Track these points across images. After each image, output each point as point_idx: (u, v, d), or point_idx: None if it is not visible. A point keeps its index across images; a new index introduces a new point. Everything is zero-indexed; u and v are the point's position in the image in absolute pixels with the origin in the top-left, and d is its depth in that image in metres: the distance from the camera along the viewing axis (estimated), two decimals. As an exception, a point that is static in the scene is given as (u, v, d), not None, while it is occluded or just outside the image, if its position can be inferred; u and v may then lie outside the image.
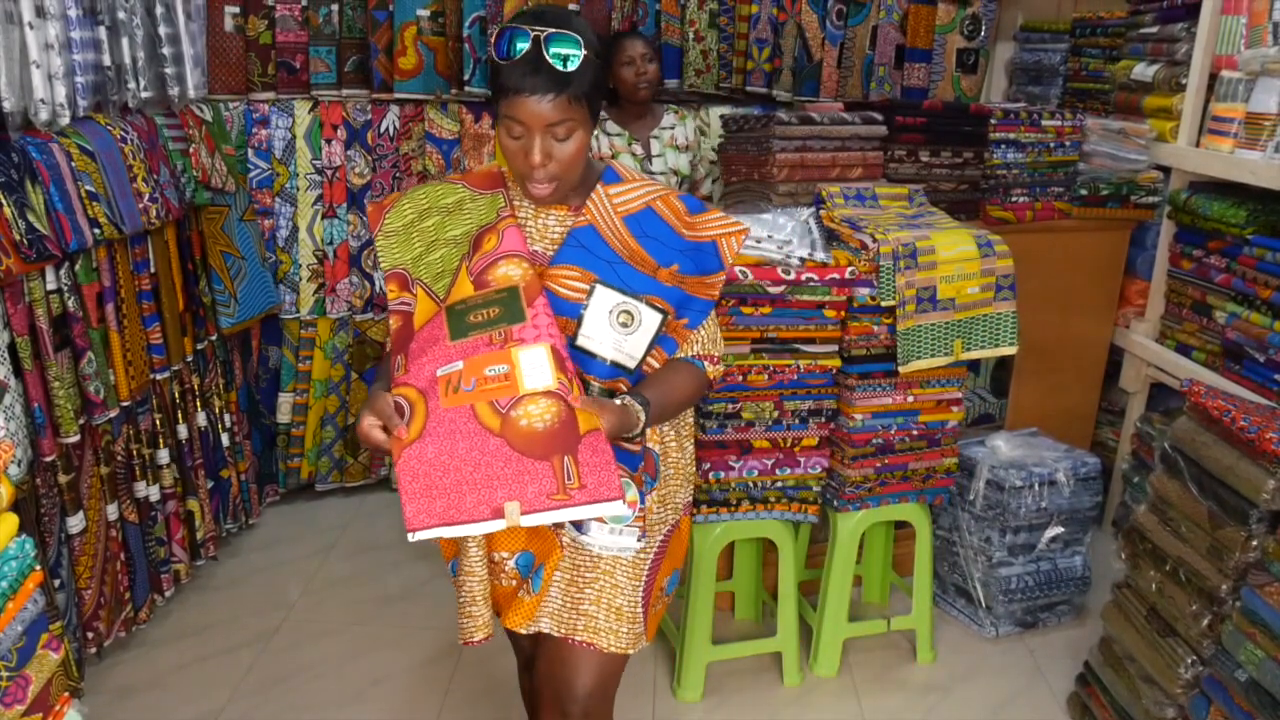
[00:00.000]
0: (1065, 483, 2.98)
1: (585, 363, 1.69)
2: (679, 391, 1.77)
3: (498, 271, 1.67)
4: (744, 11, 3.88)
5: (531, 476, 1.53)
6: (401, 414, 1.57)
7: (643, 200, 1.79)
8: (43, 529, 2.52)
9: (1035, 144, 3.25)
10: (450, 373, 1.59)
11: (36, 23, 2.41)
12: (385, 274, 1.77)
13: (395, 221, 1.81)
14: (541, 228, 1.77)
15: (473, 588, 1.78)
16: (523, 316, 1.62)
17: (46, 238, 2.41)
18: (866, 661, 2.96)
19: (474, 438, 1.54)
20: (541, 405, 1.56)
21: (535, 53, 1.58)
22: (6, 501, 1.42)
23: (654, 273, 1.75)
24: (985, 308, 2.66)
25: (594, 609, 1.81)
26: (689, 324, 1.78)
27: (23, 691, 1.42)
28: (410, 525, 1.52)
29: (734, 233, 1.81)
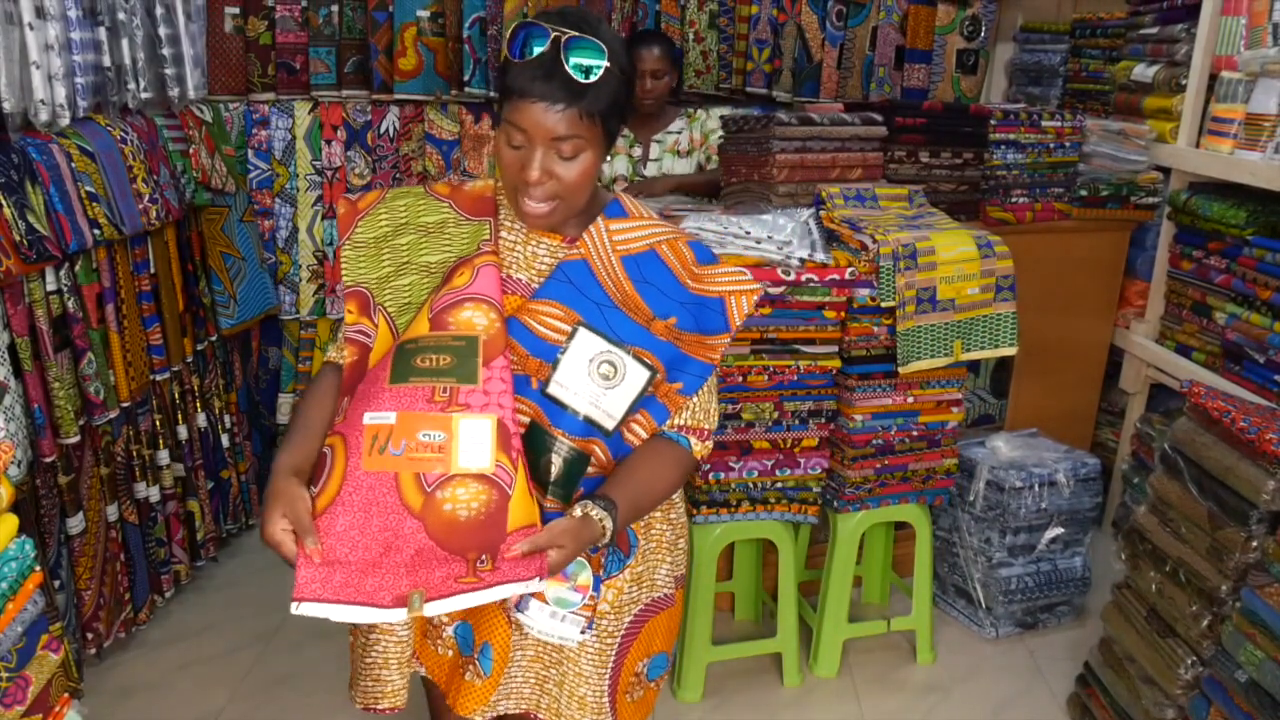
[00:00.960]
0: (1065, 483, 2.98)
1: (555, 414, 1.49)
2: (657, 484, 1.56)
3: (460, 315, 1.47)
4: (744, 12, 3.89)
5: (441, 563, 1.37)
6: (321, 466, 1.40)
7: (647, 241, 1.59)
8: (43, 530, 2.52)
9: (1035, 145, 3.25)
10: (379, 424, 1.39)
11: (36, 23, 2.41)
12: (345, 289, 1.56)
13: (368, 231, 1.60)
14: (530, 255, 1.57)
15: (388, 649, 1.59)
16: (475, 377, 1.42)
17: (46, 238, 2.41)
18: (866, 662, 2.96)
19: (390, 515, 1.37)
20: (471, 490, 1.37)
21: (553, 56, 1.40)
22: (6, 502, 1.42)
23: (648, 323, 1.55)
24: (985, 308, 2.66)
25: (556, 691, 1.64)
26: (684, 389, 1.57)
27: (23, 692, 1.42)
28: (298, 594, 1.33)
29: (745, 291, 1.60)
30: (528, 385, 1.49)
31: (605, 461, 1.55)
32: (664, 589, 1.73)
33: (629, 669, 1.70)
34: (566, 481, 1.50)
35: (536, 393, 1.49)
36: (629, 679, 1.70)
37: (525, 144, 1.44)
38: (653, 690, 1.77)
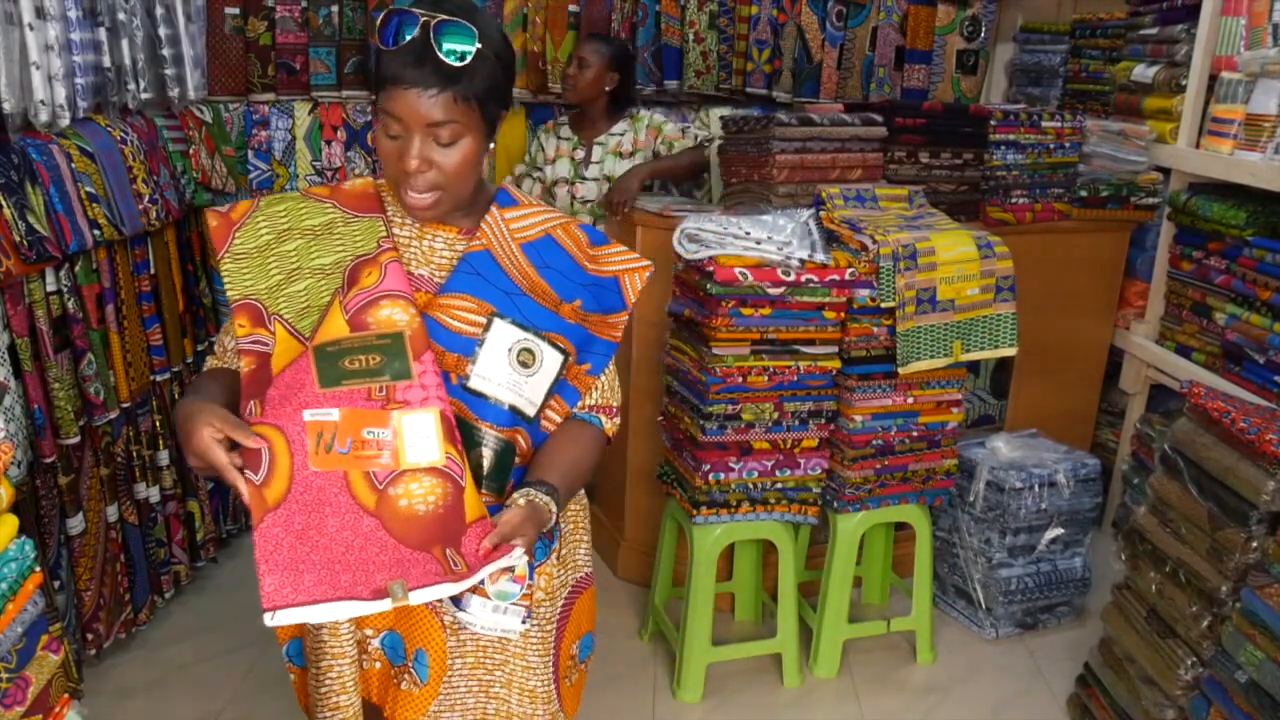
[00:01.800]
0: (1065, 484, 2.98)
1: (480, 407, 1.48)
2: (582, 465, 1.57)
3: (379, 313, 1.43)
4: (744, 13, 3.89)
5: (412, 563, 1.35)
6: (258, 459, 1.33)
7: (542, 228, 1.59)
8: (43, 530, 2.52)
9: (1035, 145, 3.25)
10: (322, 420, 1.37)
11: (36, 24, 2.41)
12: (233, 304, 1.47)
13: (247, 241, 1.51)
14: (426, 250, 1.55)
15: (342, 672, 1.55)
16: (408, 373, 1.40)
17: (46, 239, 2.41)
18: (866, 662, 2.96)
19: (345, 513, 1.35)
20: (425, 484, 1.38)
21: (424, 41, 1.37)
22: (6, 503, 1.42)
23: (556, 307, 1.55)
24: (985, 309, 2.66)
25: (505, 692, 1.62)
26: (592, 369, 1.59)
27: (23, 693, 1.42)
28: (268, 602, 1.28)
29: (637, 269, 1.63)
30: (448, 381, 1.46)
31: (527, 450, 1.55)
32: (584, 568, 1.75)
33: (565, 653, 1.71)
34: (499, 474, 1.50)
35: (458, 388, 1.47)
36: (566, 663, 1.71)
37: (402, 133, 1.41)
38: (583, 673, 1.79)
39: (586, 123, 3.55)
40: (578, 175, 3.50)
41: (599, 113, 3.52)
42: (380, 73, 1.41)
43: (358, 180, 1.61)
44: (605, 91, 3.46)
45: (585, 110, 3.53)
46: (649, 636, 3.04)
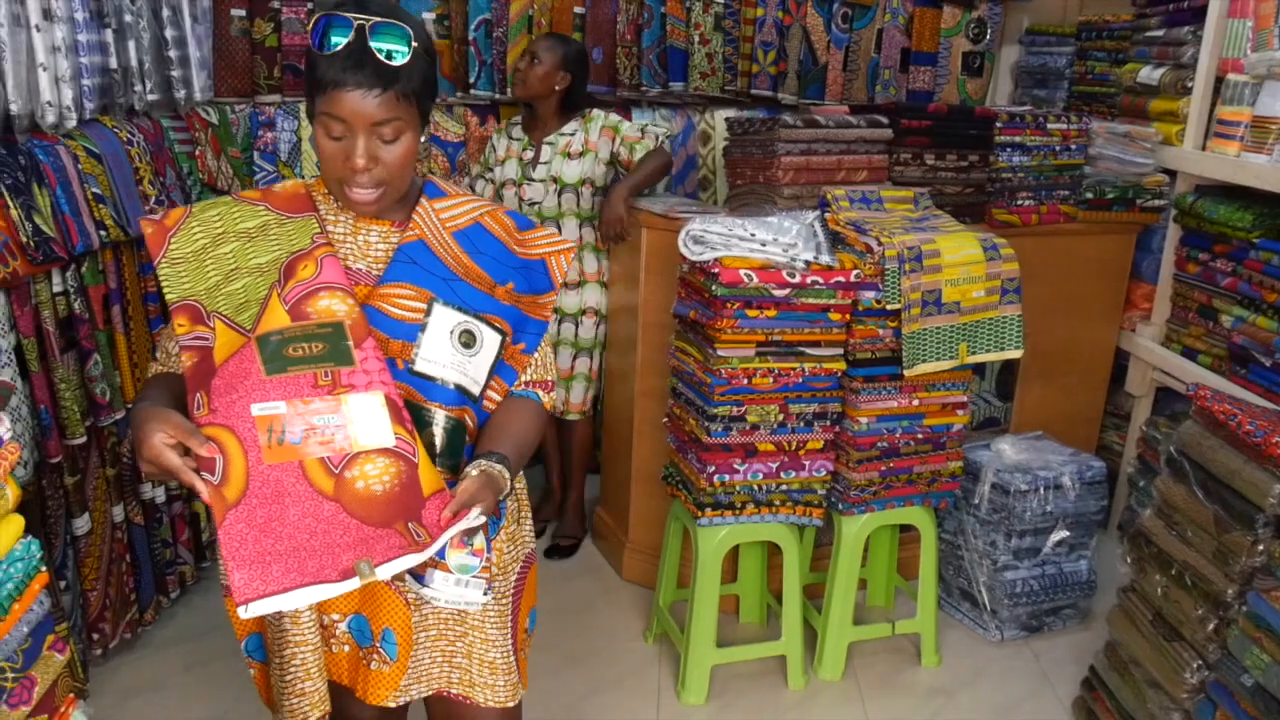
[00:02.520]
0: (1070, 486, 2.98)
1: (427, 389, 1.53)
2: (528, 437, 1.63)
3: (319, 304, 1.49)
4: (749, 15, 3.88)
5: (376, 540, 1.38)
6: (212, 462, 1.35)
7: (471, 216, 1.66)
8: (48, 530, 2.53)
9: (1041, 147, 3.24)
10: (270, 414, 1.40)
11: (44, 25, 2.42)
12: (172, 306, 1.49)
13: (183, 246, 1.54)
14: (362, 244, 1.60)
15: (306, 659, 1.57)
16: (351, 359, 1.45)
17: (53, 240, 2.41)
18: (871, 665, 2.95)
19: (305, 501, 1.37)
20: (380, 465, 1.41)
21: (359, 44, 1.42)
22: (12, 503, 1.42)
23: (491, 290, 1.62)
24: (990, 311, 2.66)
25: (466, 662, 1.68)
26: (526, 348, 1.66)
27: (28, 693, 1.42)
28: (240, 596, 1.29)
29: (563, 250, 1.71)
30: (394, 367, 1.51)
31: (473, 429, 1.61)
32: (529, 544, 1.81)
33: (520, 626, 1.77)
34: (451, 451, 1.56)
35: (404, 373, 1.52)
36: (521, 636, 1.78)
37: (346, 133, 1.46)
38: (529, 645, 1.85)
39: (537, 123, 3.41)
40: (525, 177, 3.36)
41: (549, 112, 3.37)
42: (318, 76, 1.45)
43: (288, 183, 1.66)
44: (555, 91, 3.31)
45: (536, 109, 3.39)
46: (654, 638, 3.04)
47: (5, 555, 1.38)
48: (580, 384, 3.46)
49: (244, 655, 1.72)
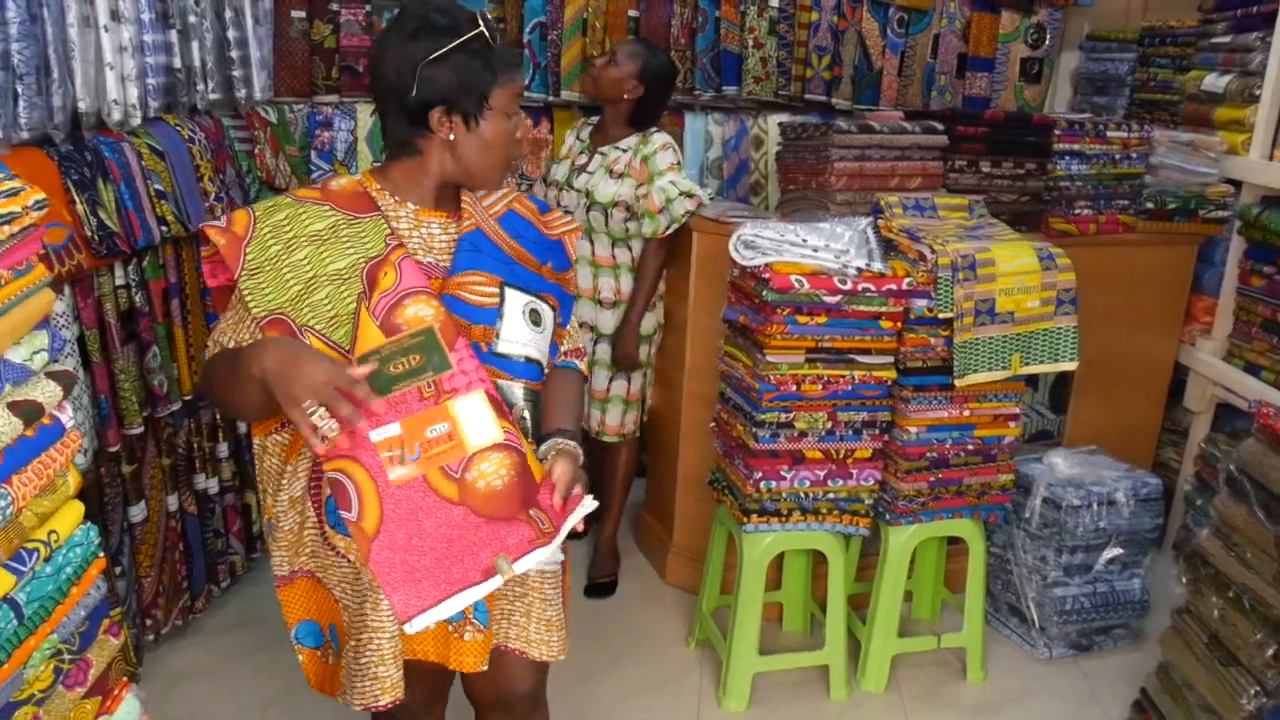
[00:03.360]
0: (1125, 503, 2.93)
1: (510, 368, 1.64)
2: (578, 407, 1.79)
3: (406, 313, 1.54)
4: (804, 19, 3.87)
5: (508, 533, 1.50)
6: (347, 497, 1.47)
7: (504, 203, 1.78)
8: (106, 517, 2.58)
9: (1100, 155, 3.20)
10: (388, 437, 1.48)
11: (111, 26, 2.47)
12: (261, 321, 1.54)
13: (258, 255, 1.57)
14: (426, 237, 1.67)
15: (381, 645, 1.62)
16: (448, 363, 1.51)
17: (116, 234, 2.46)
18: (915, 678, 2.92)
19: (436, 512, 1.48)
20: (495, 461, 1.51)
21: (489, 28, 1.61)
22: (73, 489, 1.46)
23: (539, 270, 1.74)
24: (1045, 322, 2.62)
25: (524, 621, 1.76)
26: (562, 322, 1.79)
27: (84, 674, 1.45)
28: (402, 616, 1.45)
29: (573, 230, 1.85)
30: (478, 350, 1.60)
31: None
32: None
33: (566, 585, 1.86)
34: (535, 426, 1.68)
35: (488, 355, 1.61)
36: (567, 594, 1.87)
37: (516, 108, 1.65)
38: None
39: (601, 129, 3.22)
40: (568, 183, 3.19)
41: (615, 120, 3.16)
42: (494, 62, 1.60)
43: (343, 180, 1.69)
44: (624, 99, 3.08)
45: (605, 115, 3.20)
46: (696, 643, 3.03)
47: (65, 540, 1.42)
48: (617, 406, 3.28)
49: (293, 641, 1.76)
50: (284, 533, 1.70)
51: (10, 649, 1.28)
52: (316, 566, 1.69)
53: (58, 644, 1.40)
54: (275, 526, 1.70)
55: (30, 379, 1.36)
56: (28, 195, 1.34)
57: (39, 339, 1.38)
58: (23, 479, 1.31)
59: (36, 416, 1.35)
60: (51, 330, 1.42)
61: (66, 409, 1.44)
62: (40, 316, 1.39)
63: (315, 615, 1.74)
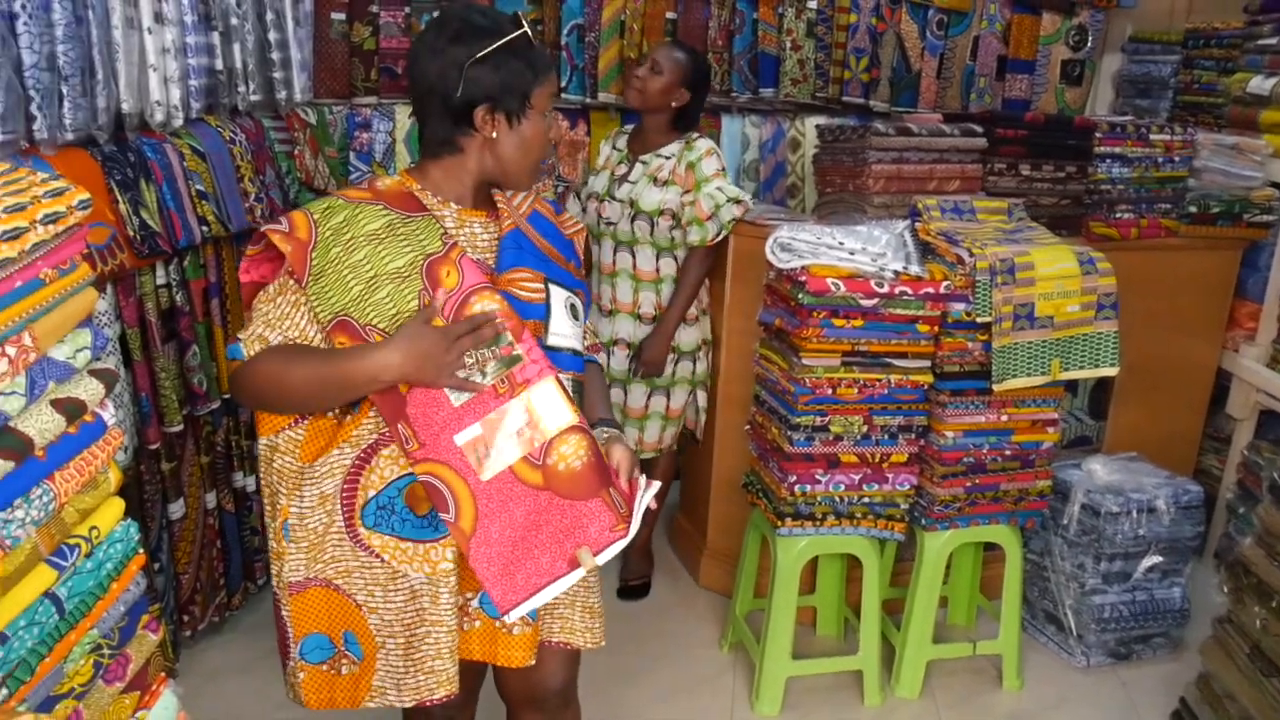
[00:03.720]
0: (1165, 510, 2.89)
1: (559, 360, 1.68)
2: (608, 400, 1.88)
3: (473, 310, 1.59)
4: (842, 21, 3.85)
5: (589, 517, 1.57)
6: (443, 498, 1.55)
7: (528, 204, 1.82)
8: (145, 514, 2.61)
9: (1142, 159, 3.16)
10: (472, 439, 1.56)
11: (155, 28, 2.50)
12: (327, 326, 1.56)
13: (321, 259, 1.58)
14: (469, 236, 1.70)
15: (440, 639, 1.64)
16: (518, 355, 1.58)
17: (158, 234, 2.49)
18: (950, 685, 2.90)
19: (525, 500, 1.56)
20: (571, 443, 1.58)
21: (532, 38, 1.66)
22: (114, 486, 1.47)
23: (566, 266, 1.79)
24: (1085, 326, 2.59)
25: (569, 611, 1.80)
26: (584, 317, 1.83)
27: (123, 669, 1.47)
28: (502, 608, 1.56)
29: (580, 232, 1.90)
30: None
31: None
32: None
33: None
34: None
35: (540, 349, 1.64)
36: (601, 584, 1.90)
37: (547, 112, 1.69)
38: None
39: (641, 136, 3.14)
40: (609, 193, 3.11)
41: (656, 128, 3.08)
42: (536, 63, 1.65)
43: (387, 180, 1.71)
44: (671, 107, 3.03)
45: (643, 122, 3.12)
46: (729, 646, 3.03)
47: (106, 536, 1.43)
48: (655, 423, 3.20)
49: (296, 658, 1.69)
50: (306, 533, 1.63)
51: (51, 643, 1.30)
52: (336, 572, 1.64)
53: (98, 639, 1.41)
54: (295, 528, 1.63)
55: (73, 376, 1.38)
56: (72, 195, 1.35)
57: (82, 337, 1.40)
58: (65, 475, 1.33)
59: (79, 414, 1.37)
60: (94, 328, 1.44)
61: (108, 406, 1.45)
62: (83, 315, 1.41)
63: (326, 627, 1.68)
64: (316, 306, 1.56)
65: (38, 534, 1.29)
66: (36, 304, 1.28)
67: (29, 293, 1.26)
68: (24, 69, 2.14)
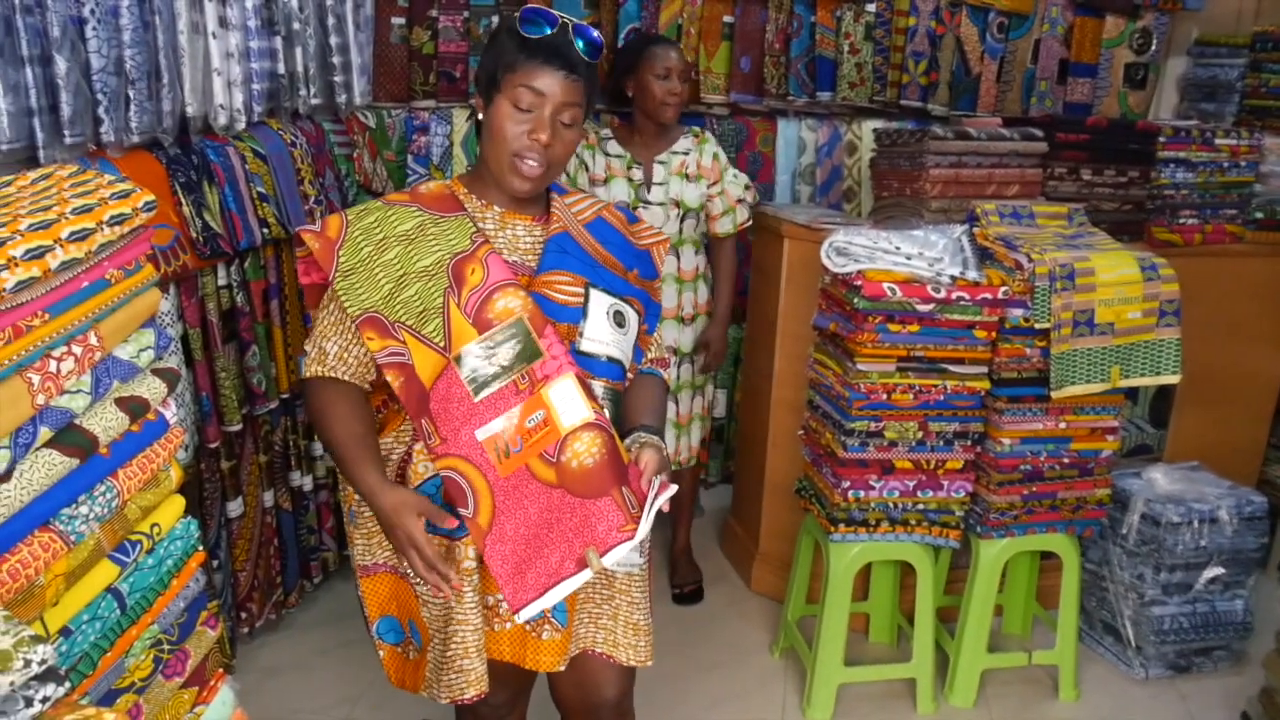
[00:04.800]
0: (1228, 521, 2.82)
1: (592, 367, 1.67)
2: (662, 412, 1.81)
3: (495, 306, 1.59)
4: (900, 24, 3.82)
5: (598, 516, 1.56)
6: (462, 493, 1.56)
7: (594, 210, 1.81)
8: (205, 512, 2.65)
9: (1207, 164, 3.09)
10: (492, 434, 1.56)
11: (219, 33, 2.55)
12: (356, 320, 1.60)
13: (351, 257, 1.62)
14: (510, 238, 1.71)
15: (466, 638, 1.66)
16: (539, 351, 1.58)
17: (220, 236, 2.54)
18: (1005, 695, 2.86)
19: (539, 497, 1.56)
20: (585, 440, 1.57)
21: (563, 35, 1.60)
22: (176, 484, 1.50)
23: (625, 275, 1.77)
24: (1147, 333, 2.55)
25: (612, 624, 1.79)
26: (649, 329, 1.82)
27: (182, 665, 1.50)
28: (514, 607, 1.56)
29: (662, 242, 1.88)
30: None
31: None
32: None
33: (651, 592, 1.87)
34: (615, 422, 1.69)
35: (572, 353, 1.64)
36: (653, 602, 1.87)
37: (534, 107, 1.60)
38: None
39: (642, 138, 3.08)
40: (638, 199, 3.06)
41: (666, 129, 3.07)
42: (515, 57, 1.60)
43: (432, 183, 1.76)
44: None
45: (651, 126, 3.07)
46: (780, 652, 3.01)
47: (167, 533, 1.46)
48: (699, 424, 3.25)
49: (374, 637, 1.81)
50: (365, 520, 1.74)
51: (113, 638, 1.33)
52: (398, 561, 1.72)
53: (158, 634, 1.44)
54: (358, 514, 1.75)
55: (137, 376, 1.40)
56: (138, 197, 1.38)
57: (146, 337, 1.43)
58: (128, 472, 1.36)
59: (142, 412, 1.40)
60: (158, 328, 1.47)
61: (170, 405, 1.48)
62: (147, 315, 1.44)
63: (396, 610, 1.78)
64: (345, 302, 1.61)
65: (101, 530, 1.31)
66: (102, 304, 1.31)
67: (95, 293, 1.29)
68: (92, 73, 2.19)
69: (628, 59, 3.07)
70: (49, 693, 0.96)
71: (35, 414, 1.19)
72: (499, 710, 1.91)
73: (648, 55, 3.01)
